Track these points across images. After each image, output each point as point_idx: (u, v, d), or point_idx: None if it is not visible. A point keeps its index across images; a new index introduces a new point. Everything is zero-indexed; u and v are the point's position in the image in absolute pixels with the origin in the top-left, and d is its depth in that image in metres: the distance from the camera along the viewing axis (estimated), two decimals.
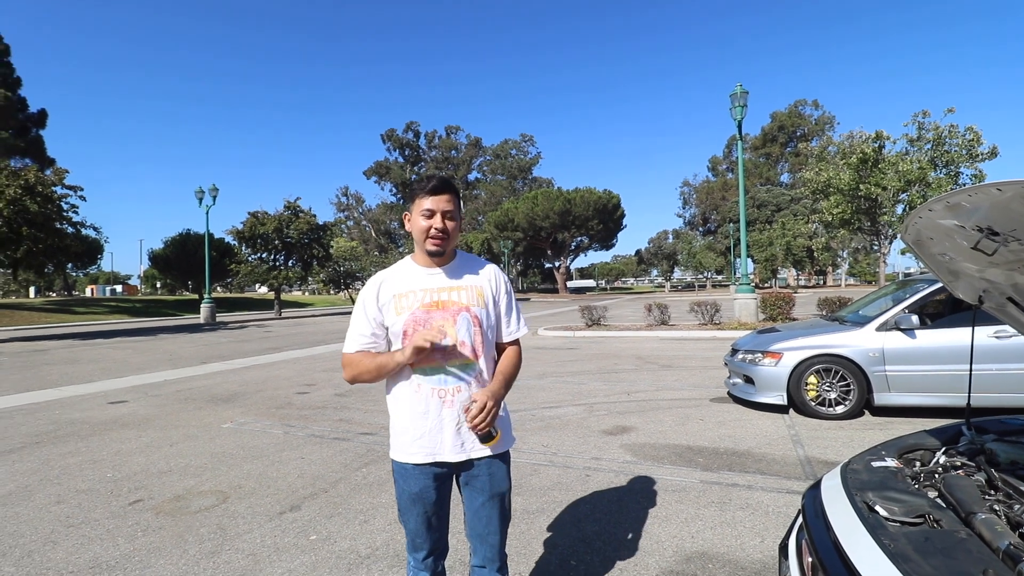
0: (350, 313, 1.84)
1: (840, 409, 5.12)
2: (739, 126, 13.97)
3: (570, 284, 69.68)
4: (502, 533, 1.79)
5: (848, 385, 5.13)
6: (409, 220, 1.73)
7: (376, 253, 61.20)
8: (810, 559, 1.56)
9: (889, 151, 14.62)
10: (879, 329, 5.17)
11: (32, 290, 58.50)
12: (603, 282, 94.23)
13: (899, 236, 2.43)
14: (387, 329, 1.72)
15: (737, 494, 3.38)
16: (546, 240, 60.20)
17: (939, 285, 5.23)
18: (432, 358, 1.66)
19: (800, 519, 1.98)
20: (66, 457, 4.59)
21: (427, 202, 1.65)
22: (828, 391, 5.17)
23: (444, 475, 1.72)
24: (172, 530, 3.09)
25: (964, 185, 14.43)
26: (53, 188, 17.24)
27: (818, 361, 5.24)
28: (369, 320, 1.72)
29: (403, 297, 1.70)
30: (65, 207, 17.97)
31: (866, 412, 5.30)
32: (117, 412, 6.33)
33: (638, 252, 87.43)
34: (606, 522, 3.04)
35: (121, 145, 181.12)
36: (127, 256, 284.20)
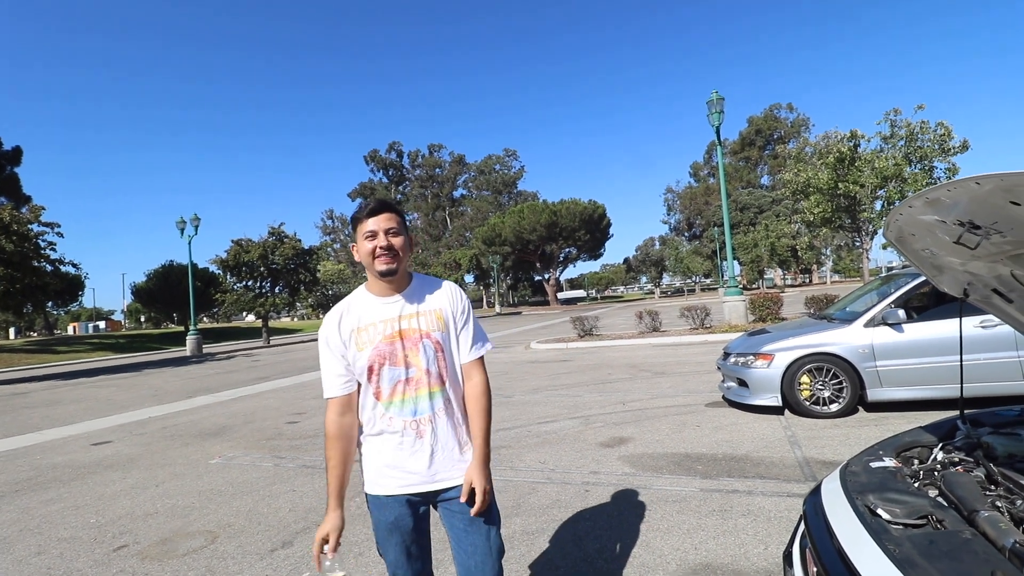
0: None
1: (835, 407, 5.12)
2: (717, 132, 14.19)
3: (560, 296, 69.74)
4: (494, 568, 1.65)
5: (841, 383, 5.14)
6: (356, 249, 1.71)
7: (364, 275, 60.96)
8: (815, 568, 1.52)
9: (864, 149, 14.94)
10: (867, 325, 5.20)
11: (12, 331, 57.27)
12: (593, 292, 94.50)
13: (881, 233, 2.43)
14: (351, 364, 1.66)
15: (738, 500, 3.34)
16: (534, 253, 60.37)
17: (923, 279, 5.29)
18: (400, 390, 1.63)
19: (802, 526, 1.95)
20: (47, 504, 4.42)
21: (368, 224, 1.64)
22: (822, 390, 5.18)
23: (419, 502, 1.67)
24: None
25: (939, 179, 14.81)
26: (29, 226, 16.96)
27: (810, 360, 5.25)
28: (337, 357, 1.66)
29: (363, 331, 1.65)
30: (42, 244, 17.67)
31: (860, 408, 5.31)
32: (101, 453, 6.14)
33: (626, 260, 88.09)
34: (607, 538, 2.98)
35: (98, 178, 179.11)
36: (109, 291, 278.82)
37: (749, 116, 75.53)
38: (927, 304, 5.73)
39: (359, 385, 1.68)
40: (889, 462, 1.91)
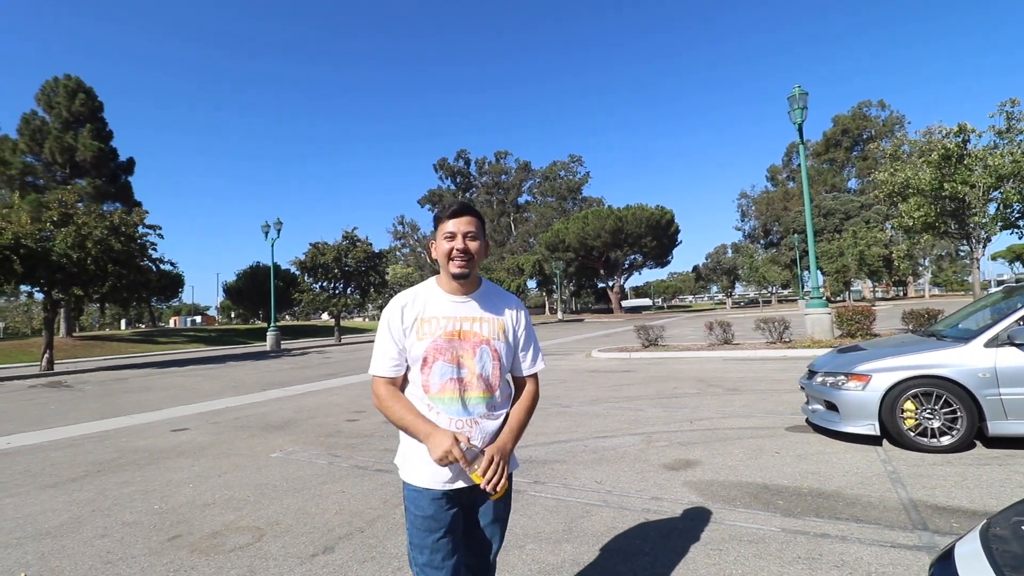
0: None
1: (946, 440, 4.39)
2: (800, 129, 13.11)
3: (625, 304, 67.92)
4: (496, 550, 1.81)
5: (954, 411, 4.40)
6: (434, 247, 1.77)
7: (431, 277, 62.54)
8: None
9: (974, 146, 13.20)
10: (988, 344, 4.43)
11: (123, 322, 63.91)
12: (659, 300, 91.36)
13: None
14: (406, 351, 1.71)
15: (829, 547, 2.86)
16: (598, 259, 59.31)
17: None
18: (449, 387, 1.67)
19: None
20: (121, 487, 4.65)
21: (448, 225, 1.70)
22: (930, 419, 4.46)
23: (455, 497, 1.70)
24: (203, 571, 2.95)
25: None
26: (135, 228, 18.72)
27: (915, 384, 4.54)
28: (395, 342, 1.71)
29: (426, 322, 1.69)
30: (146, 245, 19.43)
31: (977, 443, 4.53)
32: (177, 440, 6.48)
33: (695, 268, 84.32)
34: None
35: (193, 182, 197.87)
36: (206, 288, 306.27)
37: (834, 115, 70.27)
38: None
39: (406, 376, 1.75)
40: None
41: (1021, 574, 1.24)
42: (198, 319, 78.83)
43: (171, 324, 70.98)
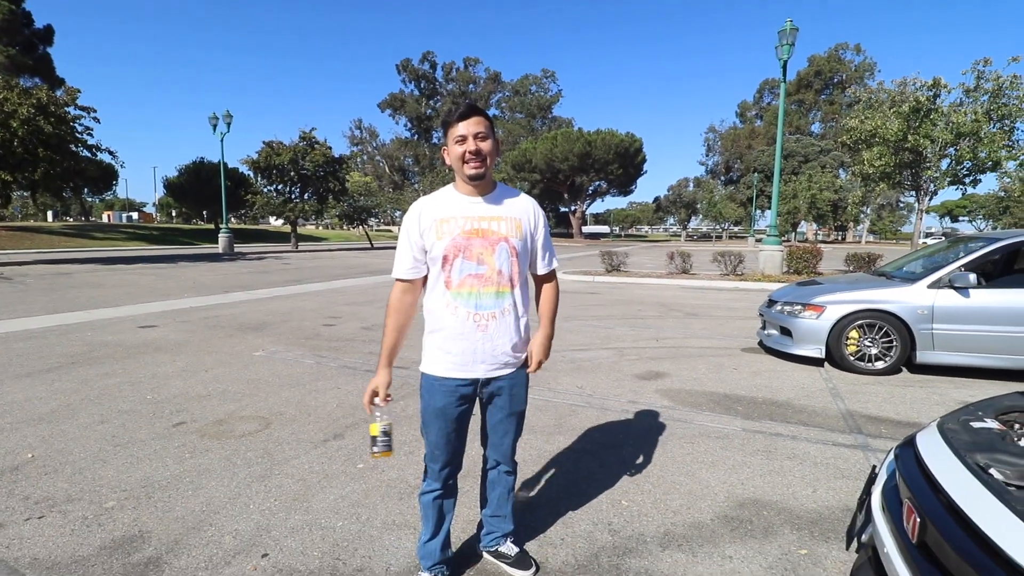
0: (367, 249, 1.86)
1: (880, 365, 5.01)
2: (784, 66, 13.04)
3: (585, 229, 68.70)
4: (514, 442, 1.98)
5: (891, 341, 4.99)
6: (446, 152, 1.77)
7: (390, 190, 60.41)
8: (917, 520, 1.47)
9: (943, 101, 13.66)
10: (931, 286, 4.95)
11: (50, 214, 59.06)
12: (617, 229, 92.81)
13: None
14: (426, 253, 1.78)
15: (782, 443, 3.33)
16: (564, 183, 58.84)
17: (1000, 244, 4.96)
18: (468, 283, 1.76)
19: (882, 475, 1.90)
20: (104, 378, 4.65)
21: (459, 128, 1.70)
22: (870, 346, 5.04)
23: (468, 394, 1.83)
24: (219, 453, 3.12)
25: (1019, 141, 13.61)
26: (66, 108, 16.85)
27: (862, 316, 5.08)
28: (413, 246, 1.79)
29: (445, 222, 1.75)
30: (79, 129, 17.64)
31: (904, 369, 5.19)
32: (148, 336, 6.40)
33: (657, 200, 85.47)
34: (652, 464, 3.02)
35: (129, 69, 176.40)
36: (141, 183, 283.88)
37: (810, 55, 69.54)
38: (996, 272, 5.43)
39: (426, 276, 1.82)
40: (992, 424, 1.81)
41: (971, 453, 1.56)
42: (134, 215, 73.85)
43: (105, 219, 66.23)
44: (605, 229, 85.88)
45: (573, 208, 63.57)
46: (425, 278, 1.84)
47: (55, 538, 2.26)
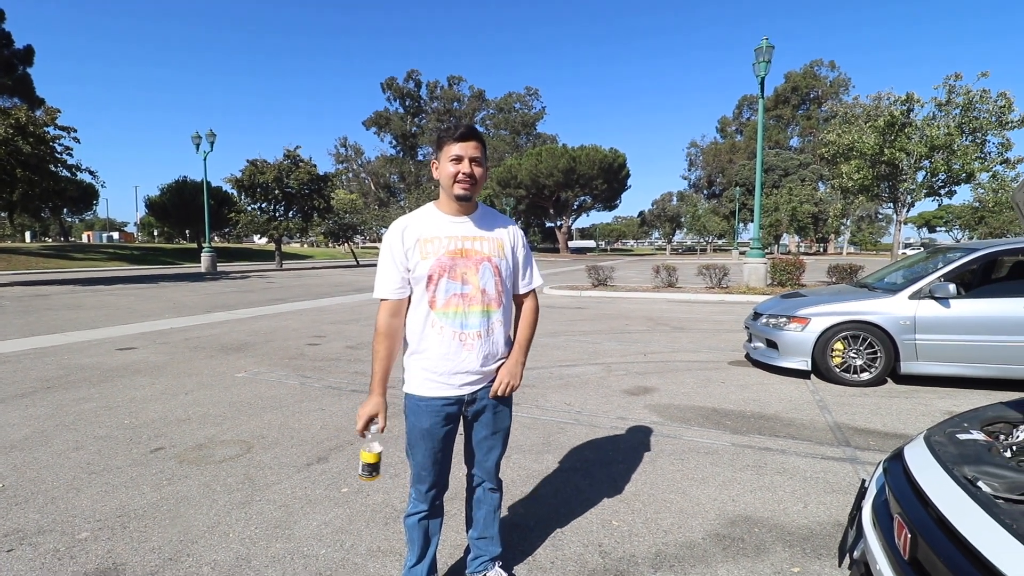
0: (353, 266, 1.81)
1: (865, 376, 5.05)
2: (762, 83, 13.37)
3: (571, 244, 69.10)
4: (499, 459, 1.97)
5: (875, 352, 5.04)
6: (436, 167, 1.77)
7: (376, 207, 60.27)
8: (908, 535, 1.45)
9: (916, 115, 14.07)
10: (912, 297, 5.03)
11: (28, 235, 57.82)
12: (603, 243, 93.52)
13: (1012, 194, 2.22)
14: (410, 272, 1.76)
15: (772, 458, 3.32)
16: (549, 199, 59.26)
17: (977, 254, 5.07)
18: (453, 303, 1.75)
19: (872, 490, 1.89)
20: (80, 403, 4.51)
21: (455, 148, 1.70)
22: (855, 358, 5.09)
23: (454, 414, 1.82)
24: (198, 479, 3.02)
25: (990, 154, 14.03)
26: (45, 129, 16.62)
27: (847, 327, 5.13)
28: (397, 266, 1.76)
29: (429, 242, 1.75)
30: (59, 149, 17.39)
31: (889, 380, 5.24)
32: (127, 358, 6.24)
33: (641, 214, 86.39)
34: (642, 482, 2.98)
35: (111, 89, 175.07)
36: (122, 203, 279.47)
37: (787, 71, 71.48)
38: (974, 282, 5.55)
39: (410, 296, 1.80)
40: (978, 435, 1.82)
41: (958, 465, 1.56)
42: (115, 235, 72.50)
43: (84, 239, 65.00)
44: (591, 244, 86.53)
45: (559, 223, 63.96)
46: (408, 298, 1.81)
47: (25, 573, 2.15)
